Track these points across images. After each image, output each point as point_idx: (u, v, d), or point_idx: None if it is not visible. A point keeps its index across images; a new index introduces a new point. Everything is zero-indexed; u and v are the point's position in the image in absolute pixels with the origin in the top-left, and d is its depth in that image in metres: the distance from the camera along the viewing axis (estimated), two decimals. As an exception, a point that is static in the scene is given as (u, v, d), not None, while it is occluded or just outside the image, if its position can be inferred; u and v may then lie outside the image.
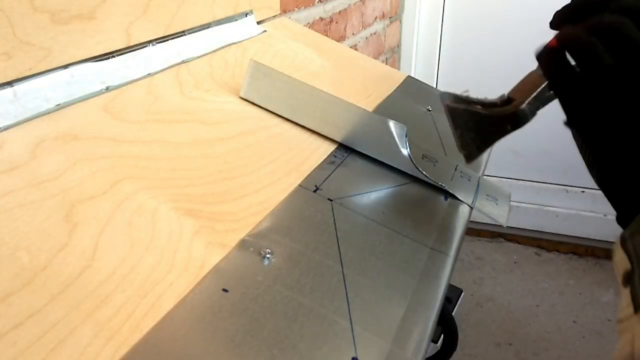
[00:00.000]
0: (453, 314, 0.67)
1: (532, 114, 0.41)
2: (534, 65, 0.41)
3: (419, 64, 1.67)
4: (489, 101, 0.45)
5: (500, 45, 1.60)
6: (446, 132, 0.60)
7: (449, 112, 0.45)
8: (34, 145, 0.35)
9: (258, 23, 0.68)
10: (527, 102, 0.42)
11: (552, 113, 0.44)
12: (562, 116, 0.38)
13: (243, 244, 0.34)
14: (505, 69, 1.48)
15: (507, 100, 0.44)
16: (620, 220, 0.33)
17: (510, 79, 0.46)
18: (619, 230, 0.35)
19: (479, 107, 0.45)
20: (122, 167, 0.36)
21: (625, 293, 0.31)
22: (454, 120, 0.45)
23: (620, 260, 0.32)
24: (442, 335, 0.61)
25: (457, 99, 0.45)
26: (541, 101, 0.40)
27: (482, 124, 0.45)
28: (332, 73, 0.65)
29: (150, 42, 0.50)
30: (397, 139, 0.47)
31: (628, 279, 0.31)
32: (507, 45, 1.58)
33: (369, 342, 0.30)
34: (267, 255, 0.34)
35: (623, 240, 0.32)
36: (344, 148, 0.49)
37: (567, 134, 0.40)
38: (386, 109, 0.60)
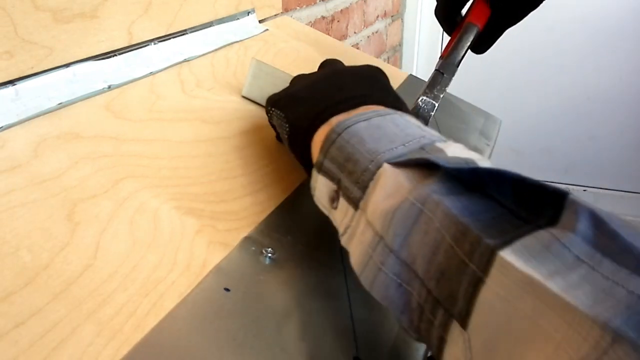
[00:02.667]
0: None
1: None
2: (535, 63, 0.41)
3: (420, 62, 1.66)
4: None
5: (502, 43, 1.60)
6: (447, 132, 0.60)
7: None
8: (36, 144, 0.35)
9: (260, 22, 0.68)
10: None
11: (553, 112, 0.44)
12: (561, 116, 0.38)
13: (245, 243, 0.34)
14: (507, 67, 1.48)
15: None
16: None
17: (511, 77, 0.46)
18: None
19: None
20: (124, 166, 0.36)
21: (339, 209, 0.30)
22: None
23: (324, 187, 0.32)
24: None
25: None
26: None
27: None
28: (333, 72, 0.64)
29: (152, 40, 0.50)
30: None
31: (337, 195, 0.31)
32: (509, 44, 1.58)
33: (370, 341, 0.30)
34: (269, 255, 0.34)
35: (319, 167, 0.32)
36: (345, 147, 0.49)
37: (568, 133, 0.40)
38: (388, 108, 0.60)
